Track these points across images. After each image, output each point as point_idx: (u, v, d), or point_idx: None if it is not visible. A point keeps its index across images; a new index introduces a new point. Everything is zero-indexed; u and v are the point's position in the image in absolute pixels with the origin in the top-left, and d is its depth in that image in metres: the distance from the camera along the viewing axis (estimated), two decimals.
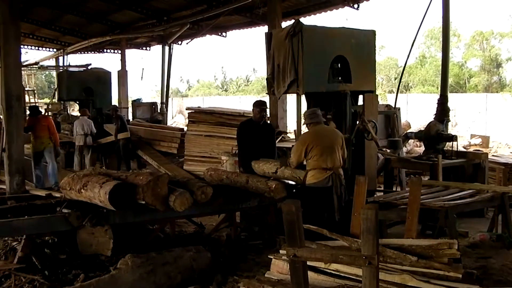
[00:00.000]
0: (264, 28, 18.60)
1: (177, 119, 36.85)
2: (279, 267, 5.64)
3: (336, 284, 5.32)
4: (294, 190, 7.79)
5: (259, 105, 8.75)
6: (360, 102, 8.86)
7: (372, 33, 8.87)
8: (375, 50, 8.90)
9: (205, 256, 6.39)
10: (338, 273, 5.44)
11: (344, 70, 8.54)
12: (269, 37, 8.66)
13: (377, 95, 9.00)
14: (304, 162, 7.51)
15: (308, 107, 8.80)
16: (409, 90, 42.05)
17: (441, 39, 37.42)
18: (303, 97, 8.43)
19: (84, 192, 6.34)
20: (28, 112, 14.59)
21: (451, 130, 10.97)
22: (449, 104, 10.67)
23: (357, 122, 8.48)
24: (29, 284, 5.83)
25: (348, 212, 7.25)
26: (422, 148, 18.40)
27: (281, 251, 5.91)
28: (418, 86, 42.54)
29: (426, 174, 13.75)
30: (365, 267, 4.21)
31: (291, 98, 15.86)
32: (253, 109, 8.80)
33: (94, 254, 6.38)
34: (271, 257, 5.80)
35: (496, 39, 44.17)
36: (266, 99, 13.17)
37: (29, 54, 32.70)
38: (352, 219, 6.51)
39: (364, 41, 8.70)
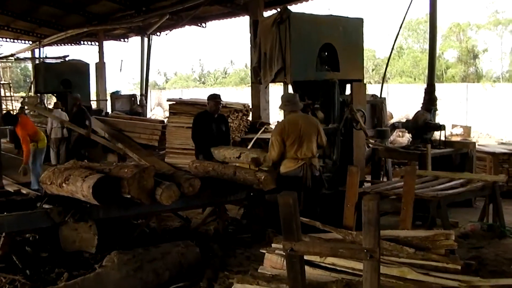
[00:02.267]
0: (245, 19, 18.42)
1: (155, 111, 36.56)
2: (272, 262, 5.43)
3: (333, 278, 5.11)
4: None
5: (214, 98, 9.16)
6: (348, 91, 8.71)
7: (360, 21, 8.69)
8: (363, 38, 8.70)
9: (193, 251, 6.15)
10: (334, 267, 5.24)
11: (332, 58, 8.34)
12: (255, 24, 8.42)
13: (365, 84, 8.81)
14: None
15: None
16: (387, 81, 42.17)
17: (418, 31, 37.77)
18: (289, 87, 8.24)
19: (66, 186, 6.06)
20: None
21: None
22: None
23: (345, 111, 8.31)
24: (9, 285, 5.49)
25: (339, 203, 7.14)
26: (405, 138, 18.45)
27: (273, 245, 5.70)
28: (396, 77, 42.67)
29: (411, 163, 13.76)
30: (366, 260, 4.02)
31: (274, 89, 15.77)
32: (208, 102, 9.17)
33: (77, 251, 6.06)
34: (264, 251, 5.58)
35: (473, 30, 44.56)
36: (246, 90, 13.06)
37: (4, 47, 32.09)
38: (345, 211, 6.34)
39: (352, 29, 8.51)
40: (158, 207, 6.27)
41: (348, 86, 8.70)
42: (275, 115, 23.24)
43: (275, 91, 17.31)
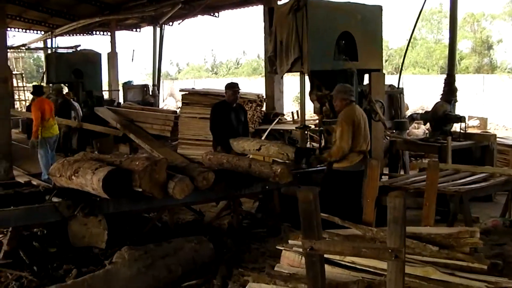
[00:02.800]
0: (259, 8, 18.18)
1: (168, 102, 36.35)
2: (289, 259, 5.20)
3: (353, 277, 4.88)
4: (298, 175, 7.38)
5: (232, 87, 8.80)
6: (366, 81, 8.46)
7: (379, 8, 8.44)
8: (382, 26, 8.44)
9: (207, 247, 5.93)
10: (354, 266, 5.00)
11: (350, 47, 8.07)
12: (270, 12, 8.17)
13: (384, 74, 8.54)
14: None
15: (311, 87, 8.38)
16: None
17: (431, 21, 37.32)
18: (306, 77, 7.99)
19: (75, 179, 5.84)
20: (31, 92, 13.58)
21: None
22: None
23: (363, 102, 8.05)
24: (16, 281, 5.27)
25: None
26: (421, 130, 18.14)
27: (290, 241, 5.47)
28: (409, 68, 42.28)
29: (429, 156, 13.46)
30: (391, 261, 3.78)
31: (288, 79, 15.49)
32: (226, 92, 8.84)
33: (87, 246, 5.83)
34: (281, 247, 5.34)
35: (487, 20, 44.05)
36: (259, 81, 12.83)
37: (16, 37, 31.97)
38: (365, 206, 6.08)
39: (370, 17, 8.27)
40: (170, 201, 6.04)
41: (366, 76, 8.44)
42: (289, 106, 23.03)
43: (289, 81, 17.02)
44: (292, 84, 17.73)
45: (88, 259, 5.75)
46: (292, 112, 15.43)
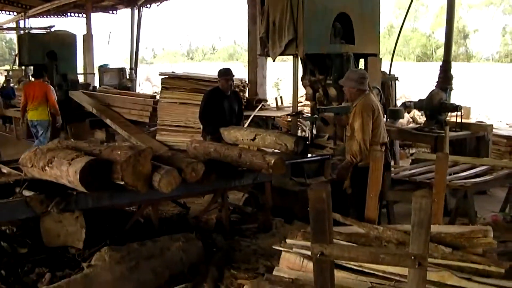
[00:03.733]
0: None
1: (144, 86, 35.65)
2: (290, 262, 4.66)
3: (360, 282, 4.39)
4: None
5: (225, 74, 8.05)
6: (361, 66, 7.99)
7: None
8: (379, 7, 7.95)
9: (195, 246, 5.39)
10: (361, 269, 4.51)
11: (346, 30, 7.57)
12: None
13: (381, 59, 8.06)
14: None
15: (304, 71, 7.88)
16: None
17: (410, 10, 37.34)
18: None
19: (49, 170, 5.23)
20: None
21: None
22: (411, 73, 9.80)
23: None
24: None
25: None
26: (406, 119, 17.72)
27: (288, 241, 4.95)
28: (386, 56, 42.07)
29: (417, 146, 13.08)
30: (414, 269, 3.30)
31: (270, 64, 14.96)
32: (219, 80, 8.12)
33: (62, 247, 5.21)
34: (279, 248, 4.82)
35: (464, 10, 44.08)
36: (236, 66, 12.38)
37: None
38: (368, 201, 5.56)
39: None
40: (155, 195, 5.48)
41: (361, 61, 7.98)
42: (273, 92, 22.53)
43: (271, 66, 16.51)
44: (271, 69, 17.27)
45: (64, 261, 5.12)
46: (276, 98, 14.89)
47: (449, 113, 9.54)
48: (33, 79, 12.18)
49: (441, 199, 5.47)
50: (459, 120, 9.23)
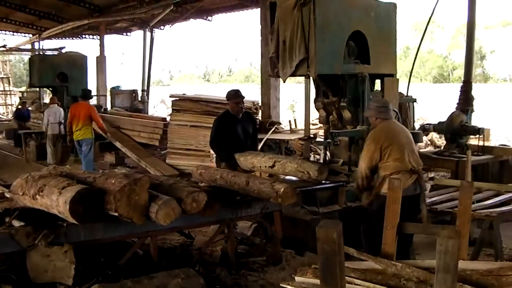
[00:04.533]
0: (254, 12, 17.39)
1: (158, 108, 35.48)
2: None
3: None
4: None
5: (234, 97, 7.54)
6: (377, 87, 7.58)
7: (393, 6, 7.58)
8: (396, 26, 7.53)
9: (196, 283, 4.93)
10: None
11: (361, 49, 7.16)
12: (272, 7, 7.19)
13: (398, 80, 7.62)
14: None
15: (317, 93, 7.45)
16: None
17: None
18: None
19: (40, 198, 4.82)
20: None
21: None
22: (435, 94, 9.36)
23: None
24: None
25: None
26: (423, 142, 17.19)
27: (297, 278, 4.49)
28: (402, 77, 41.89)
29: (436, 170, 12.57)
30: None
31: (285, 85, 14.62)
32: (228, 103, 7.62)
33: (50, 283, 4.77)
34: (287, 287, 4.37)
35: (481, 31, 43.84)
36: (252, 88, 12.06)
37: (5, 41, 31.07)
38: (385, 234, 5.10)
39: (384, 15, 7.43)
40: (154, 227, 5.04)
41: (377, 82, 7.56)
42: (286, 114, 22.15)
43: (286, 88, 16.16)
44: (286, 91, 16.91)
45: None
46: (289, 121, 14.49)
47: (470, 136, 9.07)
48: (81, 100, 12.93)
49: (465, 231, 5.00)
50: (481, 143, 8.74)
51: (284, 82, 7.42)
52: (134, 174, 4.90)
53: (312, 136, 7.78)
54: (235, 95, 7.53)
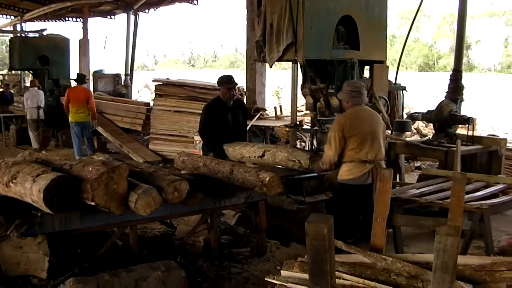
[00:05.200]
0: None
1: (142, 93, 35.08)
2: None
3: None
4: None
5: (226, 83, 7.27)
6: (366, 74, 7.38)
7: None
8: (387, 11, 7.33)
9: (178, 276, 4.71)
10: None
11: (350, 34, 6.94)
12: None
13: (388, 67, 7.42)
14: None
15: (304, 79, 7.23)
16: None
17: (411, 19, 37.16)
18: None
19: (14, 186, 4.59)
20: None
21: None
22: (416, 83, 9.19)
23: None
24: None
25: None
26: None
27: (283, 272, 4.29)
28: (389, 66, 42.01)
29: (420, 158, 12.45)
30: None
31: (271, 71, 14.38)
32: (219, 89, 7.36)
33: (23, 276, 4.54)
34: (272, 281, 4.17)
35: (467, 21, 43.93)
36: (237, 74, 11.82)
37: None
38: (374, 226, 4.91)
39: (375, 0, 7.11)
40: (133, 217, 4.82)
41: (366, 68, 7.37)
42: (272, 101, 21.94)
43: (272, 74, 15.93)
44: (272, 77, 16.69)
45: None
46: (275, 107, 14.25)
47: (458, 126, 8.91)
48: (75, 84, 13.33)
49: (458, 224, 4.83)
50: (470, 133, 8.58)
51: (270, 67, 7.19)
52: (113, 162, 4.65)
53: (298, 123, 7.56)
54: (227, 81, 7.25)
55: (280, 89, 25.53)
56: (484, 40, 44.66)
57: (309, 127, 8.06)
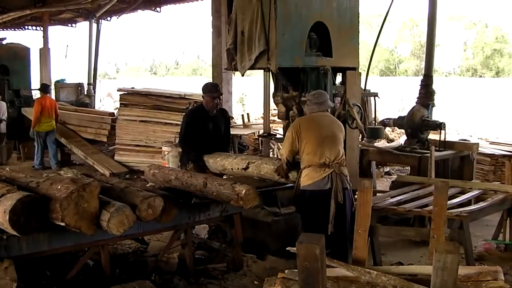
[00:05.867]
0: (205, 3, 16.97)
1: (105, 102, 34.57)
2: None
3: None
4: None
5: (211, 91, 7.01)
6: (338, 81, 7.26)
7: None
8: (359, 17, 7.22)
9: None
10: None
11: (323, 41, 6.81)
12: None
13: (360, 73, 7.32)
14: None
15: (275, 87, 7.08)
16: None
17: (371, 24, 37.40)
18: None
19: None
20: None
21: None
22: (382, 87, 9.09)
23: (338, 106, 6.85)
24: None
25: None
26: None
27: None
28: None
29: (391, 165, 12.40)
30: None
31: (238, 78, 14.23)
32: (203, 96, 7.08)
33: None
34: None
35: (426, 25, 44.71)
36: (200, 81, 11.66)
37: None
38: (356, 238, 4.76)
39: (346, 5, 7.02)
40: (105, 236, 4.58)
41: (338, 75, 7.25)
42: (238, 109, 21.78)
43: (237, 81, 15.77)
44: (236, 84, 16.58)
45: None
46: (242, 115, 14.09)
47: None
48: (43, 94, 13.45)
49: (441, 235, 4.71)
50: (442, 138, 8.54)
51: (242, 75, 7.00)
52: (82, 179, 4.42)
53: (273, 133, 7.39)
54: (212, 89, 7.02)
55: (245, 96, 25.37)
56: (444, 44, 45.18)
57: (281, 136, 7.91)
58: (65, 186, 4.13)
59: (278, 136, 8.13)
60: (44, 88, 13.56)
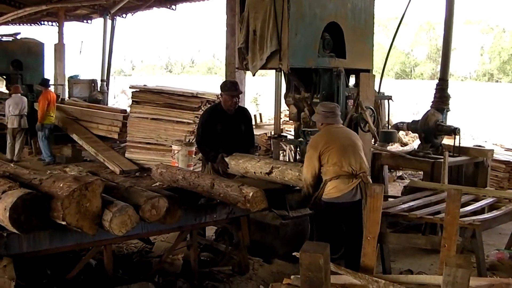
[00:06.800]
0: (220, 1, 16.89)
1: (119, 99, 34.60)
2: None
3: None
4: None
5: (229, 89, 6.59)
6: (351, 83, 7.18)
7: None
8: (373, 18, 7.10)
9: None
10: None
11: (336, 42, 6.69)
12: None
13: (374, 76, 7.19)
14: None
15: (287, 88, 6.96)
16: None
17: (388, 27, 37.14)
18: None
19: None
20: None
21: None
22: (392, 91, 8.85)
23: (350, 108, 6.74)
24: None
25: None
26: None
27: None
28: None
29: (404, 169, 12.24)
30: None
31: (252, 78, 14.11)
32: (221, 95, 6.71)
33: None
34: None
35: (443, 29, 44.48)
36: (215, 80, 11.56)
37: None
38: (364, 245, 4.63)
39: (362, 6, 6.92)
40: (107, 236, 4.48)
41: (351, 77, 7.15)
42: (250, 108, 21.67)
43: (249, 81, 15.66)
44: (249, 84, 16.48)
45: None
46: (254, 115, 13.99)
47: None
48: (41, 88, 13.75)
49: (452, 244, 4.56)
50: (457, 144, 8.38)
51: (253, 75, 6.87)
52: (86, 177, 4.32)
53: (283, 134, 7.27)
54: (231, 87, 6.62)
55: (259, 96, 25.27)
56: (460, 48, 44.90)
57: (292, 137, 7.80)
58: (68, 184, 4.03)
59: (289, 137, 8.01)
60: (45, 83, 13.72)
